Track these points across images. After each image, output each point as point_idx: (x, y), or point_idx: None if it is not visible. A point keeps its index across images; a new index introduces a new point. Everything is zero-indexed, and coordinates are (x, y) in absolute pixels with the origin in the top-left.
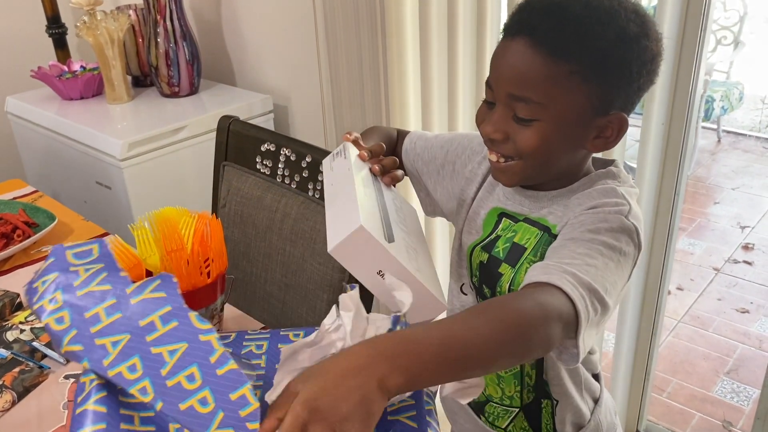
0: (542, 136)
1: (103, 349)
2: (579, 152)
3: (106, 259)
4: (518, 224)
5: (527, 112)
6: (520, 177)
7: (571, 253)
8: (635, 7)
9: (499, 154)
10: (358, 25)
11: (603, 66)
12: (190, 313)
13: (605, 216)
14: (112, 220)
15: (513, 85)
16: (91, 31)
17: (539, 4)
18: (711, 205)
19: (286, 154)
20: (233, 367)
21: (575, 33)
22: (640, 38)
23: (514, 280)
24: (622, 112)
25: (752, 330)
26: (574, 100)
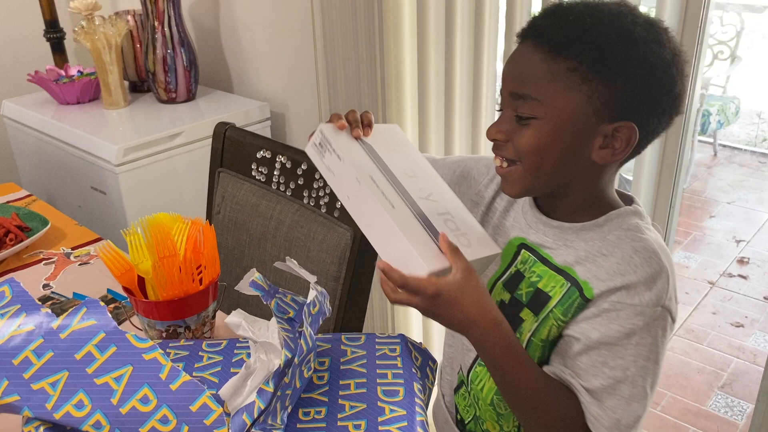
0: (540, 134)
1: (43, 392)
2: (585, 162)
3: (21, 297)
4: (542, 268)
5: (526, 109)
6: (522, 184)
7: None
8: (647, 17)
9: (501, 158)
10: (355, 33)
11: (604, 64)
12: (128, 335)
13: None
14: (107, 225)
15: (514, 84)
16: (89, 36)
17: (547, 9)
18: (706, 219)
19: (282, 161)
20: (186, 378)
21: (575, 30)
22: (648, 42)
23: (537, 331)
24: (632, 121)
25: (747, 344)
26: (574, 98)
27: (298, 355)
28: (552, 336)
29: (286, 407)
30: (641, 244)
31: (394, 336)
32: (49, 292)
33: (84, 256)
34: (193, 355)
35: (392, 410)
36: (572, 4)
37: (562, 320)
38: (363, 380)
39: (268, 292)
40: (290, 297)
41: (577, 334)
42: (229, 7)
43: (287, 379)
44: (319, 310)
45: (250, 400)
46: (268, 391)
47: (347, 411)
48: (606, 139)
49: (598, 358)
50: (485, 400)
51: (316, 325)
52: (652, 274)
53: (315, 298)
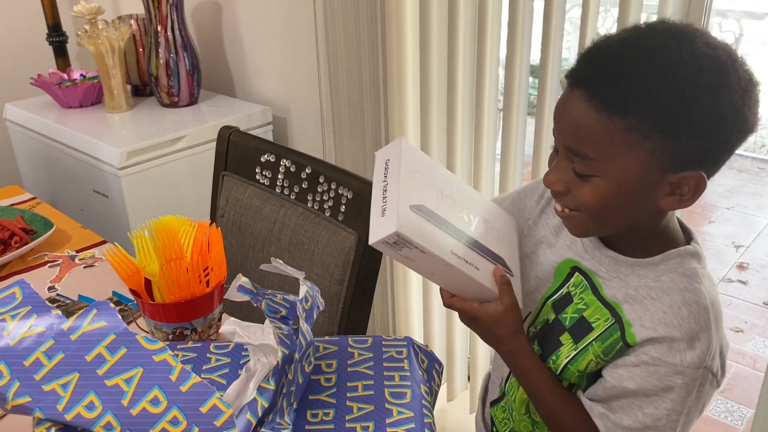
0: (601, 193)
1: (54, 394)
2: (651, 208)
3: (32, 299)
4: (590, 297)
5: (584, 168)
6: (584, 229)
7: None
8: (715, 53)
9: (562, 204)
10: (358, 37)
11: (666, 121)
12: (138, 336)
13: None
14: (109, 228)
15: (570, 139)
16: (92, 40)
17: (598, 54)
18: (706, 224)
19: (286, 165)
20: (197, 380)
21: (630, 86)
22: (715, 90)
23: (575, 360)
24: (700, 168)
25: (746, 349)
26: (635, 157)
27: (297, 350)
28: (590, 370)
29: (292, 404)
30: (693, 296)
31: (401, 339)
32: (55, 294)
33: (89, 258)
34: (201, 357)
35: (400, 412)
36: (624, 51)
37: (603, 358)
38: (370, 382)
39: (257, 294)
40: (280, 297)
41: (615, 380)
42: (232, 12)
43: (290, 375)
44: (312, 304)
45: (251, 398)
46: (269, 388)
47: (355, 413)
48: (672, 186)
49: (634, 402)
50: (519, 410)
51: (311, 319)
52: (697, 331)
53: (306, 293)
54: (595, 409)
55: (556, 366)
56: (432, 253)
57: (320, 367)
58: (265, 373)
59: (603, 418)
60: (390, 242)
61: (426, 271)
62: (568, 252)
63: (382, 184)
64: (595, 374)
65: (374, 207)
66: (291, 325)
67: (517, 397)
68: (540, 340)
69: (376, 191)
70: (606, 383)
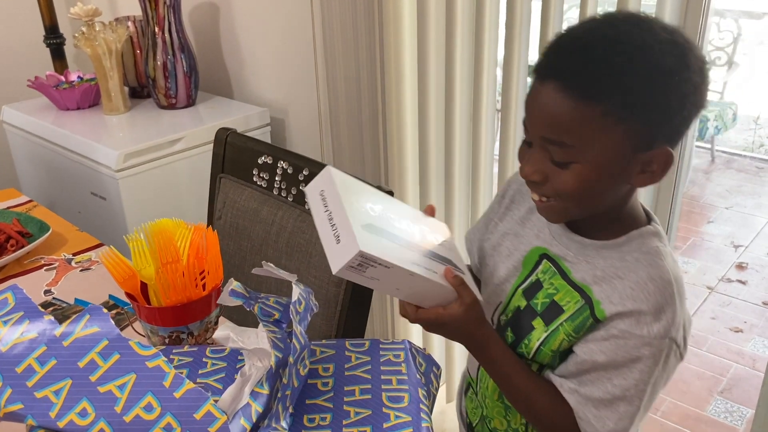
0: (580, 178)
1: (46, 401)
2: (624, 188)
3: (25, 304)
4: (560, 281)
5: (563, 155)
6: (563, 215)
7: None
8: (673, 37)
9: (540, 194)
10: (355, 38)
11: (637, 104)
12: (131, 342)
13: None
14: (107, 231)
15: (546, 130)
16: (89, 42)
17: (566, 46)
18: (705, 224)
19: (283, 167)
20: (190, 386)
21: (603, 73)
22: (679, 70)
23: (547, 341)
24: (666, 145)
25: (746, 349)
26: (611, 140)
27: (291, 354)
28: (563, 348)
29: (288, 408)
30: (657, 272)
31: (399, 342)
32: (51, 298)
33: (85, 261)
34: (197, 361)
35: (397, 416)
36: (592, 40)
37: (574, 336)
38: (368, 386)
39: (249, 298)
40: (273, 300)
41: (585, 354)
42: (229, 13)
43: (285, 379)
44: (306, 306)
45: (244, 403)
46: (263, 393)
47: (352, 417)
48: (643, 165)
49: (603, 374)
50: (492, 396)
51: (305, 322)
52: (662, 304)
53: (299, 295)
54: (566, 385)
55: (529, 349)
56: (396, 266)
57: (317, 371)
58: (259, 378)
59: (573, 393)
60: (354, 265)
61: (391, 287)
62: (536, 240)
63: (326, 215)
64: (566, 353)
65: (326, 239)
66: (285, 328)
67: (489, 384)
68: (512, 327)
69: (321, 224)
70: (577, 358)
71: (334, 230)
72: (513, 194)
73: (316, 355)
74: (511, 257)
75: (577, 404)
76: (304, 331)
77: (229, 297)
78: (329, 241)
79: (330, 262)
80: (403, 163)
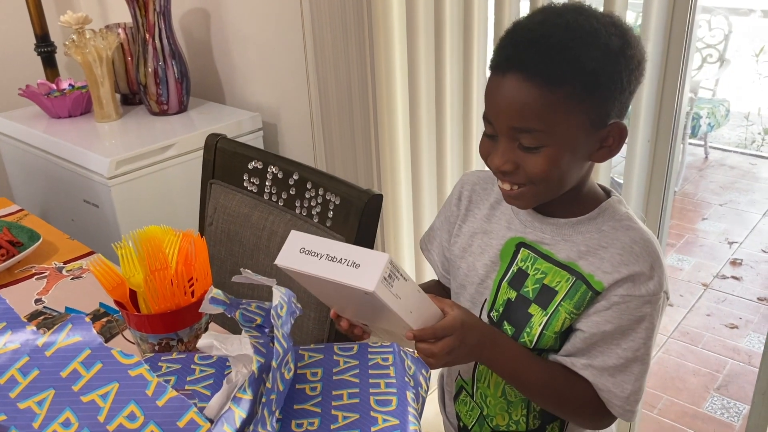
0: (550, 159)
1: (29, 411)
2: (586, 166)
3: (7, 315)
4: (545, 264)
5: (532, 140)
6: (534, 200)
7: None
8: (612, 19)
9: (511, 182)
10: (346, 43)
11: (595, 84)
12: (113, 351)
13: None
14: (100, 238)
15: (515, 119)
16: (79, 50)
17: (522, 37)
18: (699, 221)
19: (274, 171)
20: (173, 394)
21: (562, 59)
22: (624, 49)
23: (549, 324)
24: (618, 119)
25: (741, 345)
26: (574, 120)
27: (275, 358)
28: (565, 327)
29: (274, 412)
30: (637, 234)
31: (387, 345)
32: (42, 307)
33: (76, 270)
34: (185, 368)
35: (385, 420)
36: (545, 29)
37: (575, 313)
38: (356, 390)
39: (231, 305)
40: (255, 305)
41: (592, 327)
42: (220, 19)
43: (269, 384)
44: (288, 310)
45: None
46: (246, 398)
47: (340, 421)
48: (602, 141)
49: (611, 342)
50: (494, 394)
51: (287, 325)
52: (651, 262)
53: (280, 299)
54: (578, 363)
55: (531, 336)
56: (410, 278)
57: (305, 375)
58: (241, 383)
59: (587, 368)
60: (386, 276)
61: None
62: (509, 232)
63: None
64: (566, 333)
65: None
66: (267, 333)
67: (491, 382)
68: (508, 320)
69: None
70: (584, 334)
71: (346, 262)
72: (469, 194)
73: (304, 360)
74: (486, 253)
75: (593, 377)
76: (287, 335)
77: (210, 305)
78: (347, 273)
79: (360, 285)
80: (395, 166)
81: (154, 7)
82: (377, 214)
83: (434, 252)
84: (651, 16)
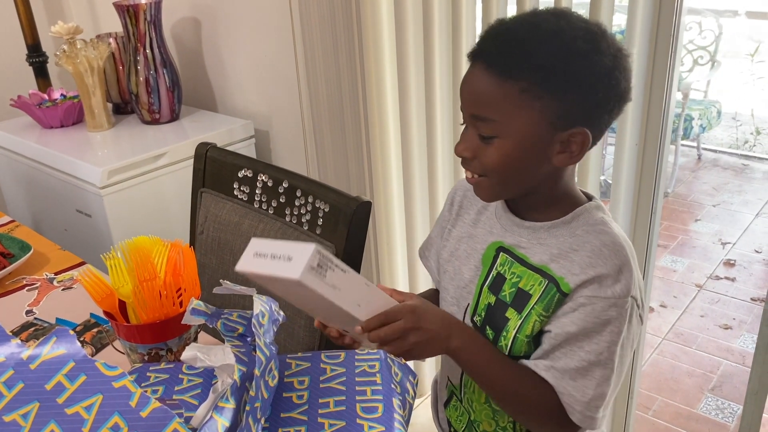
0: (502, 152)
1: (14, 424)
2: (546, 167)
3: None
4: (520, 268)
5: (487, 129)
6: (491, 192)
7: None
8: (587, 26)
9: (470, 171)
10: (336, 50)
11: (551, 82)
12: (97, 363)
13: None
14: (93, 247)
15: (473, 106)
16: (70, 60)
17: (492, 32)
18: (692, 222)
19: (263, 180)
20: (156, 405)
21: (521, 53)
22: (589, 53)
23: (521, 328)
24: (585, 127)
25: (735, 346)
26: (529, 116)
27: (257, 366)
28: (535, 331)
29: (259, 420)
30: (609, 238)
31: (374, 352)
32: (33, 318)
33: (67, 280)
34: (173, 378)
35: (371, 427)
36: (514, 25)
37: (545, 315)
38: (342, 398)
39: (212, 315)
40: (236, 314)
41: (557, 328)
42: (211, 27)
43: (252, 392)
44: (270, 318)
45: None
46: (228, 407)
47: (327, 429)
48: (563, 145)
49: (574, 344)
50: (479, 400)
51: (269, 333)
52: (620, 265)
53: (261, 308)
54: (540, 365)
55: (507, 341)
56: (351, 271)
57: (292, 384)
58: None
59: (549, 369)
60: (314, 265)
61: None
62: (490, 237)
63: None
64: (539, 337)
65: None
66: (250, 342)
67: (475, 387)
68: (489, 324)
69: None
70: (550, 334)
71: (282, 257)
72: (461, 200)
73: (291, 368)
74: (471, 258)
75: (554, 380)
76: (269, 343)
77: (191, 316)
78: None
79: (289, 275)
80: (387, 173)
81: (144, 16)
82: (366, 221)
83: (431, 259)
84: (636, 19)
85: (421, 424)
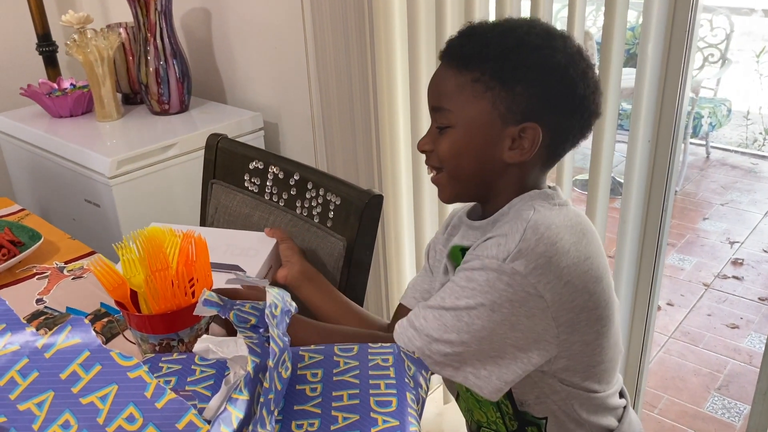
0: (452, 140)
1: (29, 413)
2: (499, 163)
3: (6, 316)
4: None
5: (443, 119)
6: (450, 189)
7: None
8: (546, 28)
9: (430, 166)
10: (347, 42)
11: (502, 72)
12: (112, 353)
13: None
14: (101, 237)
15: (433, 98)
16: (80, 50)
17: (461, 31)
18: (700, 221)
19: (274, 171)
20: (172, 396)
21: (477, 44)
22: (541, 48)
23: None
24: (535, 123)
25: (742, 345)
26: (480, 106)
27: (271, 358)
28: None
29: (272, 411)
30: (524, 215)
31: (387, 346)
32: (43, 306)
33: (77, 270)
34: (186, 369)
35: (385, 421)
36: (481, 25)
37: None
38: (356, 391)
39: (224, 306)
40: (249, 306)
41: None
42: (221, 18)
43: (266, 384)
44: (282, 309)
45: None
46: (242, 399)
47: (340, 422)
48: (514, 141)
49: (439, 293)
50: (461, 387)
51: (283, 324)
52: (506, 233)
53: (274, 299)
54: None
55: None
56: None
57: (305, 376)
58: (237, 384)
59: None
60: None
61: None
62: (450, 243)
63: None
64: None
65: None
66: (262, 333)
67: None
68: None
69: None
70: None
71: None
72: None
73: (304, 361)
74: (440, 263)
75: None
76: (282, 334)
77: (203, 307)
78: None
79: None
80: (396, 166)
81: (155, 6)
82: (378, 215)
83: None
84: (652, 16)
85: (425, 419)
